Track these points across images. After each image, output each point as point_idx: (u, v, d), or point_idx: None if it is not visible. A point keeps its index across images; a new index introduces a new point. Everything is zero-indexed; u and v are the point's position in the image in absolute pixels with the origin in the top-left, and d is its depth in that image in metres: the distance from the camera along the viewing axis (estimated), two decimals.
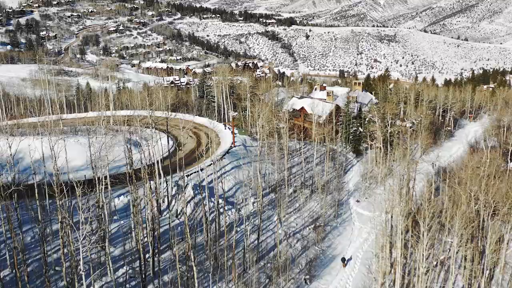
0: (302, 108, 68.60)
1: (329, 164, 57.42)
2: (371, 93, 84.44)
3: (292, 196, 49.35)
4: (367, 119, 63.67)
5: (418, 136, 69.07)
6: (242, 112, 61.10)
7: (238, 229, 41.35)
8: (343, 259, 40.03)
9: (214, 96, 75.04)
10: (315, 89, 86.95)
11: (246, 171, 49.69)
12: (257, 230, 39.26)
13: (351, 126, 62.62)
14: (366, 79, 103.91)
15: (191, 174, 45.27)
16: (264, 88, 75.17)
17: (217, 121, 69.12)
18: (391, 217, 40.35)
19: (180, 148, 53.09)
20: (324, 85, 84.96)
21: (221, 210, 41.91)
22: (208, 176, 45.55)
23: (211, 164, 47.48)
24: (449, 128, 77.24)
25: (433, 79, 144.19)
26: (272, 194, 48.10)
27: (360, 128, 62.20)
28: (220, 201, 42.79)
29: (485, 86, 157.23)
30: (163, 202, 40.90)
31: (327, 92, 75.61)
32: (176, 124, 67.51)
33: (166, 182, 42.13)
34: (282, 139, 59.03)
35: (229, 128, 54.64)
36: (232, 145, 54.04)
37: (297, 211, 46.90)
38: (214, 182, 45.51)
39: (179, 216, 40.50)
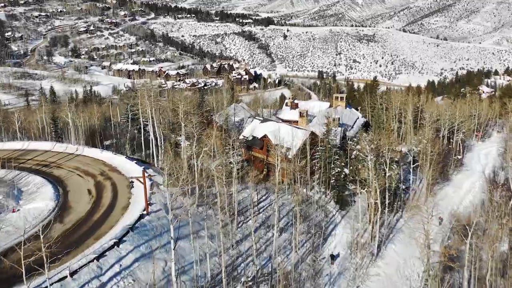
0: (265, 136, 49.34)
1: (301, 227, 38.57)
2: (357, 109, 65.84)
3: None
4: (354, 154, 45.07)
5: (423, 170, 51.25)
6: (173, 148, 41.37)
7: None
8: None
9: (139, 123, 53.00)
10: (286, 104, 67.86)
11: (162, 262, 30.14)
12: None
13: (332, 165, 43.74)
14: (349, 90, 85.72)
15: (55, 282, 25.40)
16: (217, 106, 55.80)
17: (141, 161, 48.18)
18: None
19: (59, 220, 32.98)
20: (296, 101, 65.72)
21: None
22: (87, 283, 26.11)
23: (95, 259, 27.85)
24: (459, 157, 59.37)
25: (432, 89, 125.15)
26: None
27: (345, 169, 43.36)
28: None
29: (479, 90, 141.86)
30: None
31: (300, 112, 56.02)
32: (77, 167, 47.16)
33: None
34: (231, 187, 40.08)
35: (141, 183, 34.46)
36: (145, 213, 33.92)
37: None
38: None
39: None
